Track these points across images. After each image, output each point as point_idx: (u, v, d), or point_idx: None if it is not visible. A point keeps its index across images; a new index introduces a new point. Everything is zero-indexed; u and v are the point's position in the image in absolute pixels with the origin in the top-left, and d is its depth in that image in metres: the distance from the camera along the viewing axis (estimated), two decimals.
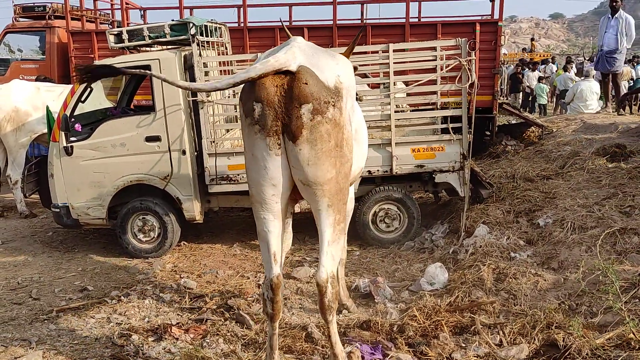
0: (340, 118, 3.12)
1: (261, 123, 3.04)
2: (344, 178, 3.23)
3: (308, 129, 3.01)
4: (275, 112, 3.02)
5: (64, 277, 5.66)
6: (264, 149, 3.08)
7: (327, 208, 3.16)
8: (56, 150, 6.01)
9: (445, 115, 6.14)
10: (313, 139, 3.02)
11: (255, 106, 3.04)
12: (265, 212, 3.21)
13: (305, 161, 3.05)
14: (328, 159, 3.08)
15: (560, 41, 62.61)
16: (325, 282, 3.17)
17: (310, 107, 2.99)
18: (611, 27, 9.55)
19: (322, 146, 3.04)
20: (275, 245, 3.25)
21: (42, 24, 10.70)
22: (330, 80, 3.10)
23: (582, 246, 4.55)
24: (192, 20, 5.92)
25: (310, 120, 3.00)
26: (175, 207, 6.15)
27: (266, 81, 3.01)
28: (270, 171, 3.12)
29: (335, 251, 3.23)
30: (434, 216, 6.86)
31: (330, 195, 3.14)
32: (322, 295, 3.20)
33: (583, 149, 7.21)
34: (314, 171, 3.07)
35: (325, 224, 3.18)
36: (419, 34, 9.03)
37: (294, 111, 2.99)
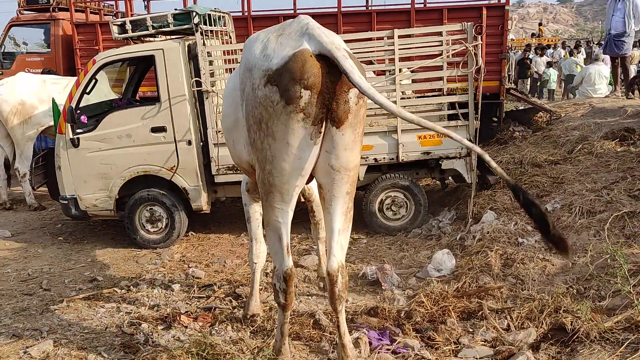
0: (366, 101, 3.05)
1: (307, 111, 2.87)
2: (358, 165, 3.23)
3: (353, 113, 2.92)
4: (323, 99, 2.87)
5: (73, 268, 5.71)
6: (304, 138, 2.92)
7: (345, 195, 3.11)
8: (63, 142, 6.03)
9: (452, 101, 6.10)
10: (356, 122, 2.96)
11: (302, 93, 2.85)
12: (283, 203, 3.11)
13: (344, 146, 2.97)
14: (359, 144, 3.06)
15: (568, 26, 61.89)
16: (337, 272, 3.14)
17: (356, 91, 2.88)
18: (618, 10, 9.40)
19: (359, 130, 3.01)
20: (287, 236, 3.20)
21: (46, 17, 10.69)
22: (356, 60, 2.96)
23: (591, 230, 4.52)
24: (195, 9, 5.89)
25: (355, 104, 2.92)
26: (182, 197, 6.17)
27: (314, 67, 2.84)
28: (303, 161, 2.98)
29: (344, 240, 3.20)
30: (441, 203, 6.84)
31: (352, 182, 3.11)
32: (333, 284, 3.16)
33: (592, 133, 7.15)
34: (350, 156, 3.01)
35: (339, 211, 3.13)
36: (424, 19, 8.93)
37: (342, 96, 2.87)
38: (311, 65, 2.83)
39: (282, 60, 2.89)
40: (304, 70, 2.82)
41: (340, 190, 3.09)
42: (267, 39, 3.11)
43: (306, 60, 2.84)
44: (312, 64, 2.84)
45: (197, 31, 5.83)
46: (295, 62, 2.85)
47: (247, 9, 9.56)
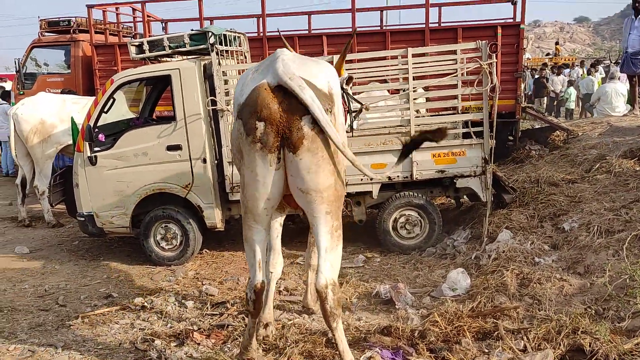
0: (335, 124, 3.19)
1: (263, 140, 3.10)
2: (341, 185, 3.33)
3: (309, 139, 3.07)
4: (277, 128, 3.08)
5: (89, 285, 5.75)
6: (264, 165, 3.16)
7: (325, 215, 3.21)
8: (81, 160, 6.12)
9: (466, 119, 6.08)
10: (314, 147, 3.09)
11: (257, 125, 3.10)
12: (256, 223, 3.39)
13: (306, 169, 3.12)
14: (328, 165, 3.16)
15: (585, 45, 61.62)
16: (325, 288, 3.22)
17: (309, 118, 3.05)
18: (635, 28, 9.36)
19: (323, 153, 3.12)
20: (261, 253, 3.44)
21: (67, 38, 10.97)
22: (325, 86, 3.19)
23: (609, 250, 4.44)
24: (211, 29, 5.99)
25: (311, 129, 3.07)
26: (197, 215, 6.21)
27: (267, 99, 3.07)
28: (267, 186, 3.22)
29: (334, 258, 3.29)
30: (456, 222, 6.78)
31: (329, 202, 3.21)
32: (323, 301, 3.25)
33: (610, 152, 7.07)
34: (315, 178, 3.14)
35: (323, 231, 3.24)
36: (439, 38, 8.97)
37: (294, 123, 3.06)
38: (264, 98, 3.08)
39: (246, 95, 3.21)
40: (257, 103, 3.10)
41: (318, 211, 3.22)
42: (247, 75, 3.40)
43: (259, 93, 3.10)
44: (265, 97, 3.09)
45: (213, 51, 5.92)
46: (252, 96, 3.15)
47: (263, 29, 9.70)
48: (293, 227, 7.11)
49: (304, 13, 10.34)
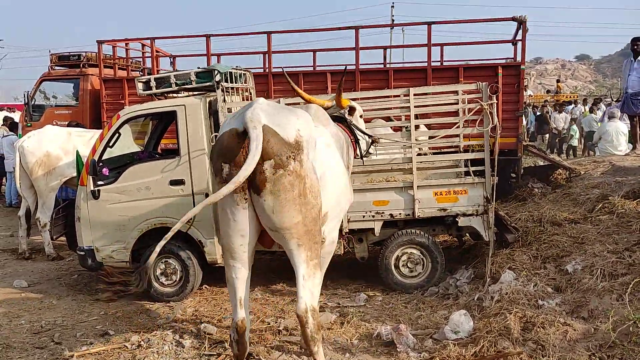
0: (300, 169, 3.41)
1: (228, 181, 3.29)
2: (312, 221, 3.51)
3: (271, 182, 3.31)
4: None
5: (86, 321, 5.68)
6: (232, 203, 3.41)
7: (297, 247, 3.47)
8: (84, 194, 6.14)
9: (468, 158, 6.11)
10: (276, 190, 3.32)
11: (223, 166, 3.39)
12: (234, 261, 3.58)
13: (270, 210, 3.36)
14: (293, 206, 3.37)
15: (587, 82, 62.24)
16: (305, 313, 3.43)
17: (272, 162, 3.31)
18: (634, 69, 9.46)
19: (286, 195, 3.34)
20: (242, 290, 3.62)
21: (76, 72, 11.17)
22: (291, 135, 3.42)
23: (613, 294, 4.38)
24: (217, 67, 6.09)
25: (272, 174, 3.31)
26: (198, 250, 6.18)
27: (232, 143, 3.36)
28: (238, 223, 3.45)
29: (312, 285, 3.51)
30: (459, 261, 6.72)
31: (299, 236, 3.44)
32: (303, 326, 3.45)
33: (612, 192, 7.04)
34: (280, 218, 3.37)
35: (298, 260, 3.50)
36: (441, 77, 9.09)
37: (257, 167, 3.26)
38: (230, 142, 3.37)
39: (217, 139, 3.54)
40: (223, 146, 3.41)
41: (290, 244, 3.48)
42: (225, 121, 3.74)
43: (227, 137, 3.41)
44: (230, 141, 3.38)
45: (218, 88, 6.01)
46: (220, 140, 3.48)
47: (269, 66, 9.86)
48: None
49: (309, 50, 10.53)
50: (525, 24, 8.77)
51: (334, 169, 4.08)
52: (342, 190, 4.19)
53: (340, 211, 4.34)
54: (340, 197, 4.17)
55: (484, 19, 10.31)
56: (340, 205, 4.24)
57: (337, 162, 4.19)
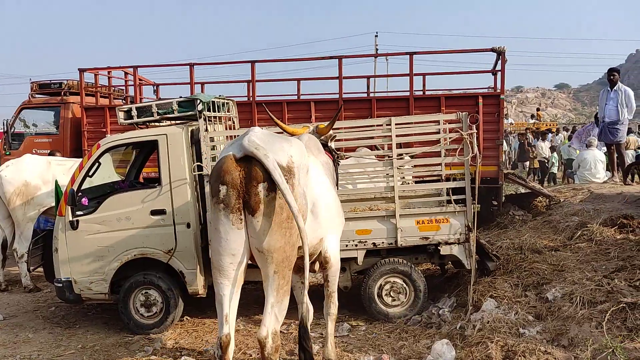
0: (294, 192, 3.64)
1: (225, 202, 3.61)
2: (291, 247, 3.73)
3: (265, 204, 3.56)
4: (237, 192, 3.59)
5: (63, 355, 5.55)
6: (227, 223, 3.63)
7: (273, 274, 3.67)
8: (62, 224, 6.05)
9: (449, 186, 6.16)
10: (268, 212, 3.56)
11: (220, 188, 3.62)
12: (222, 278, 3.76)
13: (262, 231, 3.60)
14: (279, 229, 3.61)
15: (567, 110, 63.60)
16: (265, 338, 3.63)
17: (265, 185, 3.57)
18: (611, 99, 9.72)
19: (275, 218, 3.58)
20: (227, 307, 3.78)
21: (57, 100, 11.08)
22: (283, 160, 3.69)
23: (592, 322, 4.41)
24: (199, 97, 6.11)
25: (266, 196, 3.57)
26: (179, 281, 6.10)
27: (230, 167, 3.62)
28: (230, 243, 3.66)
29: (279, 311, 3.72)
30: (441, 289, 6.72)
31: (277, 262, 3.65)
32: (262, 348, 3.64)
33: (591, 219, 7.15)
34: (268, 240, 3.60)
35: (271, 288, 3.69)
36: (423, 106, 9.22)
37: (252, 189, 3.56)
38: (228, 166, 3.63)
39: (215, 163, 3.81)
40: (222, 169, 3.65)
41: (268, 270, 3.67)
42: (223, 148, 4.01)
43: (225, 162, 3.66)
44: (229, 165, 3.63)
45: (200, 117, 6.02)
46: (219, 164, 3.74)
47: (252, 94, 9.92)
48: None
49: (293, 79, 10.62)
50: (504, 54, 8.98)
51: (326, 195, 4.42)
52: (336, 214, 4.60)
53: (338, 234, 4.75)
54: (335, 221, 4.57)
55: (464, 50, 10.53)
56: (337, 229, 4.67)
57: (329, 189, 4.59)
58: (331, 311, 4.86)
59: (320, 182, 4.40)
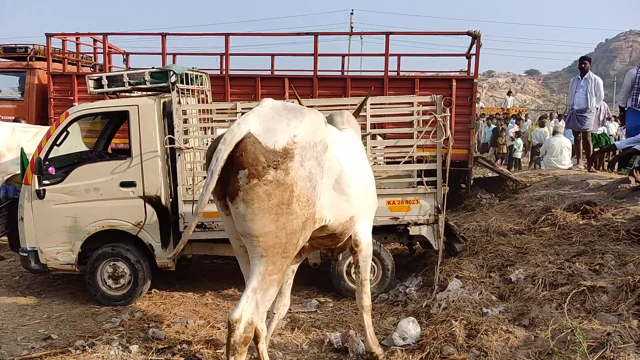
0: (285, 178, 3.31)
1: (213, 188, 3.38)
2: (289, 235, 3.39)
3: (244, 191, 3.27)
4: (221, 179, 3.30)
5: (28, 325, 5.47)
6: (219, 209, 3.58)
7: (260, 257, 3.37)
8: (28, 193, 5.92)
9: (421, 168, 6.24)
10: (249, 199, 3.28)
11: (208, 174, 3.36)
12: (239, 257, 3.81)
13: (242, 217, 3.33)
14: (266, 215, 3.30)
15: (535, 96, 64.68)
16: (235, 322, 3.29)
17: (245, 172, 3.26)
18: (581, 87, 9.93)
19: (260, 205, 3.28)
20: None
21: (23, 65, 10.72)
22: (279, 143, 3.32)
23: (553, 303, 4.57)
24: (172, 68, 6.00)
25: (246, 183, 3.26)
26: (148, 253, 6.06)
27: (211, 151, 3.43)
28: (229, 227, 3.59)
29: (261, 299, 3.38)
30: (409, 268, 6.86)
31: (266, 247, 3.35)
32: (230, 333, 3.30)
33: (555, 204, 7.34)
34: (250, 225, 3.32)
35: (255, 271, 3.38)
36: (397, 87, 9.25)
37: (231, 177, 3.30)
38: (210, 151, 3.46)
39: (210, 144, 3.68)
40: (210, 152, 3.48)
41: (254, 253, 3.41)
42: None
43: (213, 144, 3.46)
44: (210, 149, 3.47)
45: (173, 89, 5.92)
46: (211, 145, 3.59)
47: (226, 68, 9.77)
48: None
49: (267, 54, 10.47)
50: (479, 38, 9.04)
51: (359, 169, 4.11)
52: (371, 190, 4.33)
53: (372, 212, 4.45)
54: (369, 199, 4.26)
55: (439, 32, 10.58)
56: (370, 209, 4.36)
57: (364, 163, 4.31)
58: (364, 303, 4.48)
59: (351, 157, 4.06)
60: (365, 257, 4.40)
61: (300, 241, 3.51)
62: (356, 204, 4.00)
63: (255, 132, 3.31)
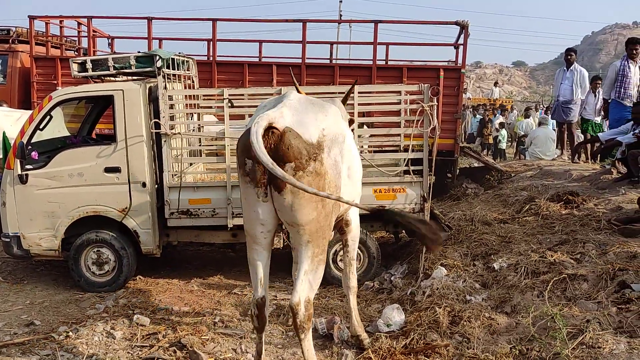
0: (321, 168, 3.49)
1: (251, 176, 3.51)
2: (325, 217, 3.60)
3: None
4: (263, 168, 3.36)
5: (10, 310, 5.43)
6: (253, 196, 3.56)
7: (306, 243, 3.55)
8: (10, 177, 5.84)
9: (408, 157, 6.25)
10: (296, 190, 3.36)
11: (246, 162, 3.51)
12: (255, 245, 3.75)
13: (289, 207, 3.46)
14: (310, 204, 3.45)
15: (522, 88, 65.07)
16: (297, 306, 3.51)
17: (292, 165, 3.38)
18: (567, 79, 10.02)
19: (304, 195, 3.38)
20: (261, 271, 3.78)
21: (5, 48, 10.52)
22: (314, 136, 3.47)
23: (535, 291, 4.63)
24: (158, 53, 5.92)
25: (293, 175, 3.34)
26: (132, 240, 6.03)
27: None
28: (259, 214, 3.59)
29: (313, 279, 3.60)
30: (394, 256, 6.90)
31: (311, 233, 3.53)
32: (295, 316, 3.54)
33: (539, 194, 7.44)
34: (298, 215, 3.47)
35: (304, 256, 3.57)
36: (385, 76, 9.26)
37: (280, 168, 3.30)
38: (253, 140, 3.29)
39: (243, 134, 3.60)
40: (246, 143, 3.40)
41: (300, 240, 3.56)
42: (259, 109, 3.85)
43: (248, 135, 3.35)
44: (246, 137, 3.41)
45: (159, 74, 5.85)
46: (244, 135, 3.54)
47: (213, 54, 9.69)
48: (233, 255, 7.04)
49: (255, 41, 10.41)
50: (467, 28, 9.07)
51: (357, 159, 4.35)
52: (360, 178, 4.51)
53: (358, 199, 4.55)
54: (360, 184, 4.48)
55: (428, 21, 10.58)
56: (360, 193, 4.53)
57: (358, 154, 4.50)
58: (351, 284, 4.58)
59: (354, 146, 4.28)
60: (354, 237, 4.63)
61: (332, 223, 3.76)
62: (357, 188, 4.33)
63: (293, 126, 3.41)
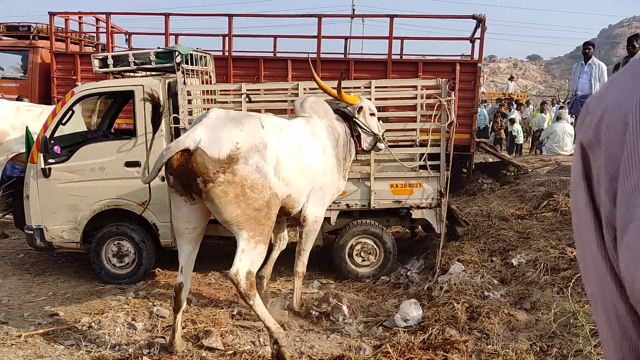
0: (234, 177, 4.03)
1: (175, 188, 4.22)
2: (255, 210, 4.11)
3: (205, 192, 4.01)
4: (181, 181, 4.11)
5: (34, 301, 5.54)
6: (179, 201, 4.26)
7: (238, 230, 4.12)
8: (33, 171, 5.94)
9: (425, 152, 6.25)
10: (211, 197, 4.01)
11: (169, 177, 4.20)
12: (180, 239, 4.45)
13: (213, 210, 4.12)
14: (229, 205, 4.03)
15: (537, 82, 64.35)
16: (235, 276, 4.04)
17: (201, 179, 3.99)
18: (585, 72, 9.89)
19: (220, 200, 4.01)
20: (184, 261, 4.44)
21: (25, 44, 10.65)
22: (224, 150, 4.02)
23: (554, 287, 4.64)
24: (178, 49, 5.98)
25: (204, 187, 3.99)
26: (152, 233, 6.11)
27: (173, 160, 4.04)
28: (184, 214, 4.29)
29: (252, 255, 4.12)
30: (410, 252, 6.91)
31: (239, 223, 4.10)
32: (236, 285, 4.08)
33: (557, 190, 7.40)
34: (220, 215, 4.11)
35: (239, 239, 4.14)
36: (400, 70, 9.21)
37: (192, 181, 4.03)
38: (171, 160, 4.05)
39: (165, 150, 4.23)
40: (167, 161, 4.07)
41: (233, 230, 4.17)
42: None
43: (169, 155, 4.04)
44: (173, 158, 4.04)
45: (179, 70, 5.91)
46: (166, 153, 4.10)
47: (229, 49, 9.72)
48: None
49: (270, 36, 10.42)
50: (484, 22, 9.00)
51: (302, 157, 4.57)
52: (319, 175, 4.77)
53: (323, 195, 4.93)
54: (316, 181, 4.75)
55: (444, 15, 10.53)
56: (323, 189, 4.86)
57: (314, 150, 4.73)
58: (298, 269, 5.17)
59: (304, 143, 4.65)
60: (308, 231, 5.00)
61: (272, 212, 4.24)
62: (298, 186, 4.61)
63: (203, 144, 3.98)
